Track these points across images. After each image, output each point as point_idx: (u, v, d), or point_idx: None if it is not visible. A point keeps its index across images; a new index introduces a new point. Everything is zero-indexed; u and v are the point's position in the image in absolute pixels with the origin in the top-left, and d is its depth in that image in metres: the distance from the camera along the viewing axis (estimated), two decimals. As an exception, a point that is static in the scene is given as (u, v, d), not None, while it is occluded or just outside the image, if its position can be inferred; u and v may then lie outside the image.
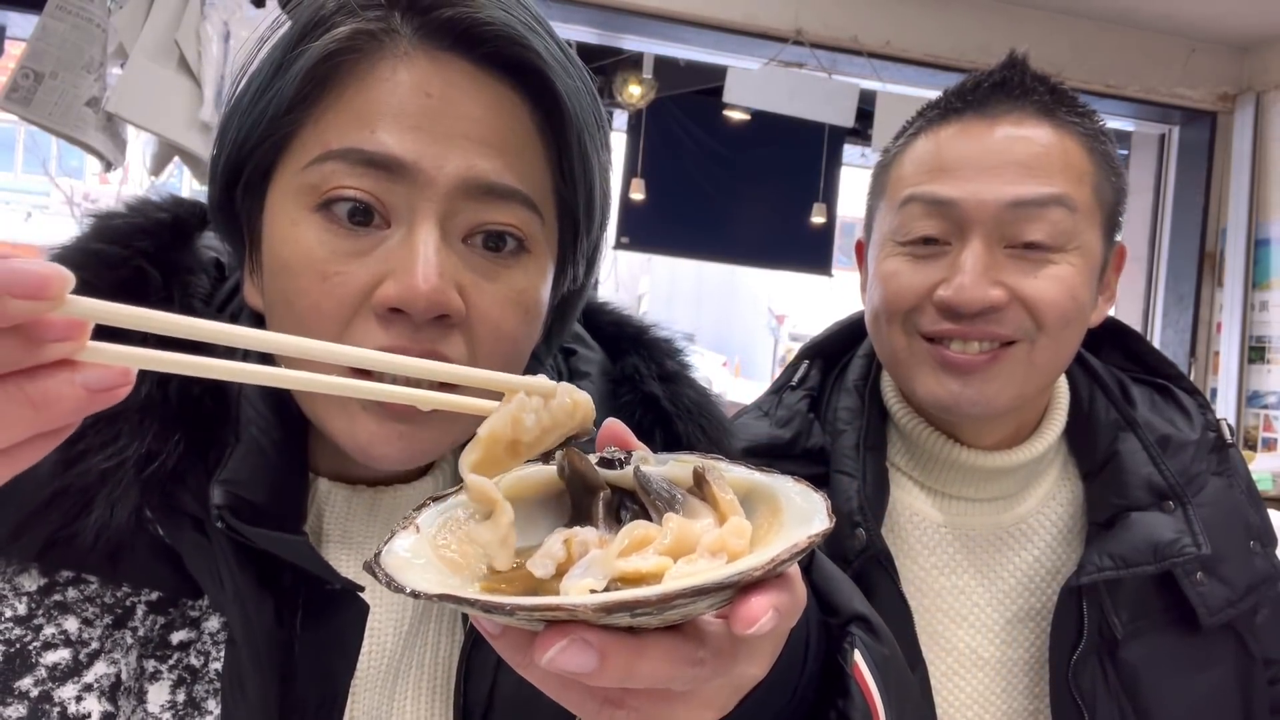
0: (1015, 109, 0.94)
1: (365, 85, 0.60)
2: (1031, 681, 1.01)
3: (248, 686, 0.61)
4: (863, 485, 1.00)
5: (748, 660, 0.44)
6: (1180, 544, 0.97)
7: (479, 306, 0.61)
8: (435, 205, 0.60)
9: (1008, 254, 0.93)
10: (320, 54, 0.60)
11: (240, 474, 0.63)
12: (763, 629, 0.38)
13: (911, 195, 0.95)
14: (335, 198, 0.59)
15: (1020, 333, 0.93)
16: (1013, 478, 1.04)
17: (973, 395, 0.94)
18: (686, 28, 3.71)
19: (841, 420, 1.06)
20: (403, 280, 0.58)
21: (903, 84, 3.92)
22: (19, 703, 0.60)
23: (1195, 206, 4.37)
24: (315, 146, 0.60)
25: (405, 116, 0.59)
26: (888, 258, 0.98)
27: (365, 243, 0.60)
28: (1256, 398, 4.20)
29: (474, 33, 0.60)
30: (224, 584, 0.62)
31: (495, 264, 0.63)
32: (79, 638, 0.62)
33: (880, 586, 0.98)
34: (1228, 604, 1.00)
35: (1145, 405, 1.09)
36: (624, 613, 0.36)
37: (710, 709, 0.45)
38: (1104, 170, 0.96)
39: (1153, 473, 1.02)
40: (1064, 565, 1.03)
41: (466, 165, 0.60)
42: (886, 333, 0.99)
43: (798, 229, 5.25)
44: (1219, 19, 4.00)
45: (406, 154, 0.59)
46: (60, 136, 3.13)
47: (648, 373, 0.79)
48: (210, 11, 3.17)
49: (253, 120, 0.62)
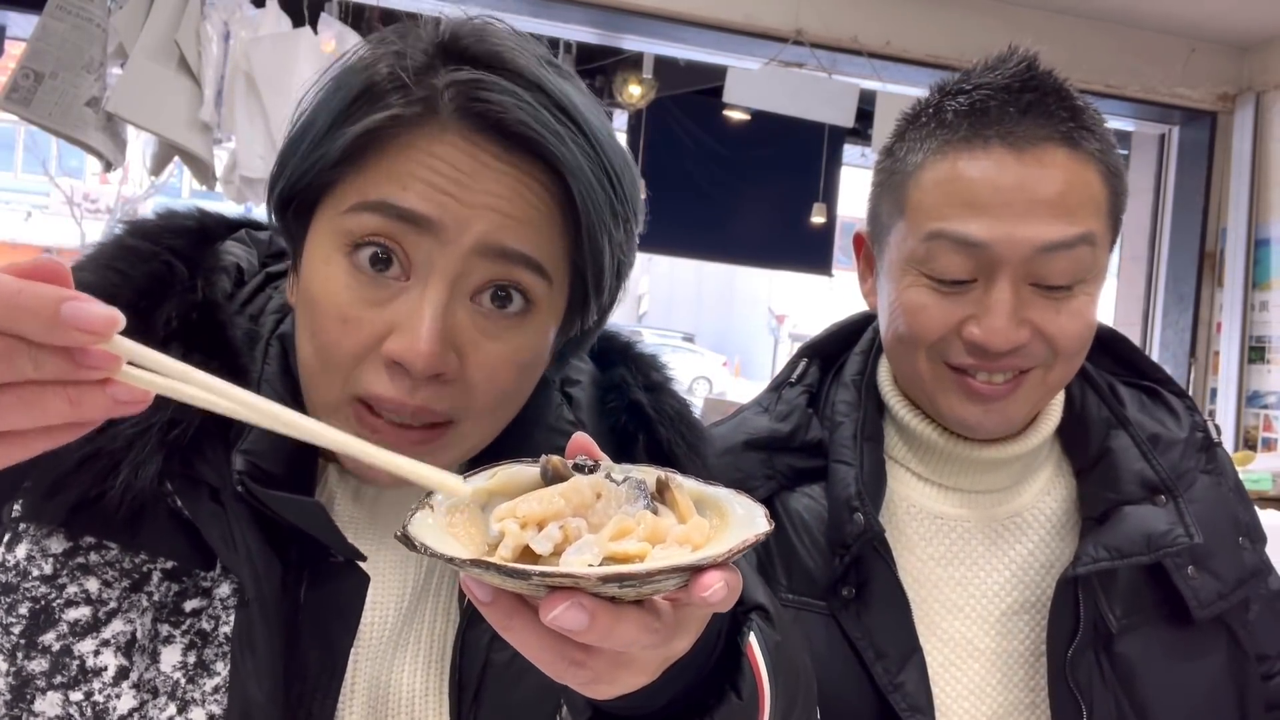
0: (1041, 139, 0.92)
1: (405, 153, 0.67)
2: (1028, 673, 1.01)
3: (258, 644, 0.67)
4: (860, 473, 1.01)
5: (681, 635, 0.52)
6: (1173, 534, 0.99)
7: (476, 362, 0.69)
8: (452, 264, 0.67)
9: (1032, 291, 0.94)
10: (368, 126, 0.67)
11: (260, 446, 0.69)
12: (714, 596, 0.47)
13: (940, 231, 0.93)
14: (365, 243, 0.67)
15: (1038, 361, 0.96)
16: (1008, 470, 1.05)
17: (996, 419, 0.98)
18: (686, 28, 3.72)
19: (839, 413, 1.07)
20: (405, 340, 0.65)
21: (903, 84, 3.93)
22: (41, 657, 0.67)
23: (1195, 206, 4.38)
24: (354, 196, 0.68)
25: (436, 183, 0.67)
26: (911, 287, 0.97)
27: (384, 293, 0.67)
28: (1256, 398, 4.21)
29: (504, 126, 0.67)
30: (236, 546, 0.68)
31: (499, 323, 0.70)
32: (99, 597, 0.68)
33: (877, 574, 0.99)
34: (1218, 597, 1.02)
35: (1135, 406, 1.11)
36: (615, 584, 0.45)
37: (645, 674, 0.53)
38: (1114, 191, 0.97)
39: (1144, 468, 1.04)
40: (1059, 558, 1.04)
41: (485, 230, 0.67)
42: (912, 358, 1.00)
43: (798, 229, 5.26)
44: (1219, 19, 4.01)
45: (432, 212, 0.66)
46: (60, 136, 3.14)
47: (634, 382, 0.86)
48: (210, 11, 3.17)
49: (306, 165, 0.70)
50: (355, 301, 0.67)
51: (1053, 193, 0.91)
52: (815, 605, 1.01)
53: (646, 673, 0.53)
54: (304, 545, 0.71)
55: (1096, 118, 0.96)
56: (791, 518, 1.05)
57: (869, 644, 0.97)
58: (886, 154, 1.03)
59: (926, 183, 0.95)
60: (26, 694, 0.67)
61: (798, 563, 1.03)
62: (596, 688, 0.53)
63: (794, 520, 1.05)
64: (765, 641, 0.64)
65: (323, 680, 0.71)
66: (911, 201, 0.96)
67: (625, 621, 0.48)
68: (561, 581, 0.45)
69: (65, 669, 0.67)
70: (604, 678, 0.52)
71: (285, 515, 0.69)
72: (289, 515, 0.69)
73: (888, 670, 0.96)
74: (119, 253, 0.74)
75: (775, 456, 1.06)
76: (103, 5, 3.09)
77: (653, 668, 0.53)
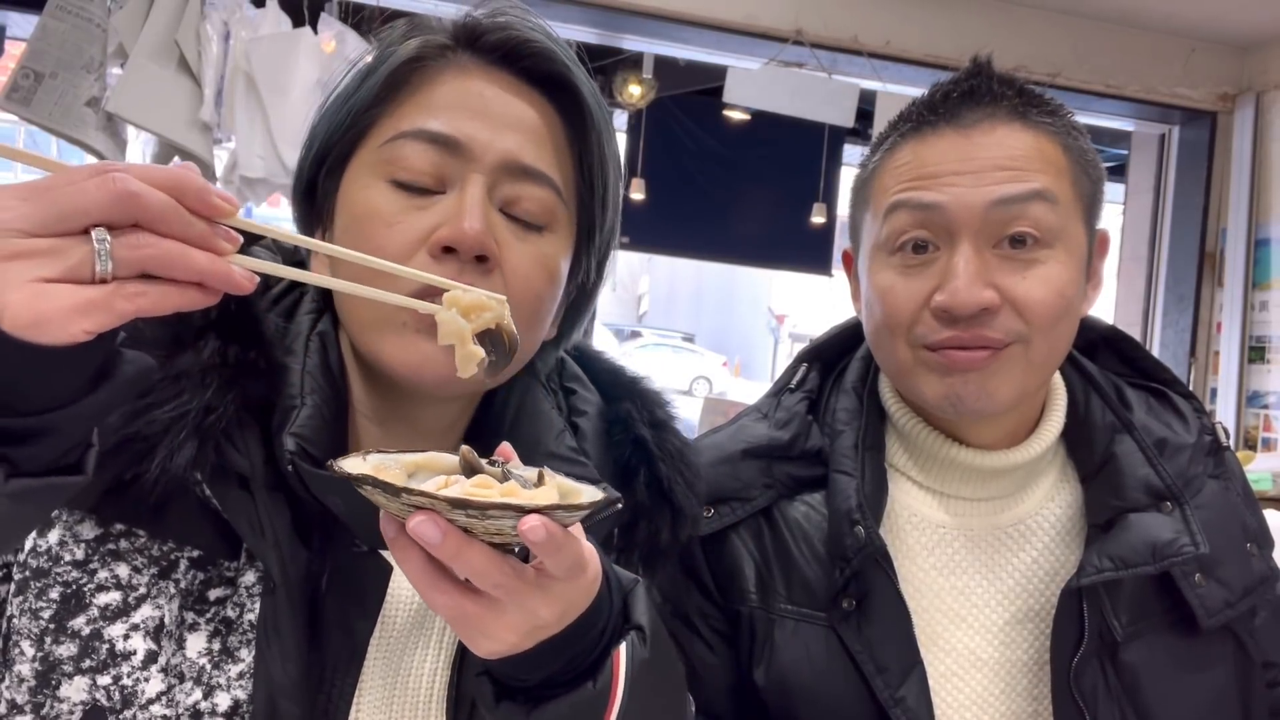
0: (987, 116, 0.96)
1: (431, 87, 0.77)
2: (1031, 683, 1.01)
3: (283, 629, 0.70)
4: (861, 484, 1.00)
5: (540, 601, 0.61)
6: (1179, 544, 0.97)
7: (511, 261, 0.75)
8: (481, 175, 0.75)
9: (996, 255, 0.94)
10: (397, 61, 0.77)
11: (307, 430, 0.73)
12: (532, 534, 0.56)
13: (897, 202, 0.97)
14: (402, 168, 0.75)
15: (1012, 335, 0.94)
16: (1011, 478, 1.04)
17: (975, 391, 0.95)
18: (686, 28, 3.71)
19: (840, 421, 1.06)
20: (454, 224, 0.72)
21: (903, 84, 3.92)
22: (70, 641, 0.68)
23: (1195, 206, 4.37)
24: (389, 131, 0.76)
25: (462, 109, 0.75)
26: (880, 270, 0.99)
27: (424, 201, 0.74)
28: (1256, 398, 4.20)
29: (518, 50, 0.78)
30: (265, 533, 0.70)
31: (524, 231, 0.77)
32: (128, 582, 0.70)
33: (878, 586, 0.99)
34: (1226, 605, 1.00)
35: (1141, 409, 1.09)
36: (462, 511, 0.56)
37: (513, 633, 0.61)
38: (1079, 164, 0.98)
39: (1150, 474, 1.02)
40: (1063, 566, 1.03)
41: (507, 148, 0.75)
42: (890, 347, 1.00)
43: (798, 229, 5.25)
44: (1219, 19, 4.00)
45: (460, 134, 0.75)
46: (60, 136, 3.13)
47: (639, 418, 0.90)
48: (210, 11, 3.16)
49: (340, 118, 0.78)
50: (398, 210, 0.74)
51: (1001, 155, 0.94)
52: (815, 617, 1.00)
53: (516, 632, 0.61)
54: (327, 533, 0.74)
55: (1048, 100, 0.99)
56: (791, 527, 1.04)
57: (869, 657, 0.97)
58: (859, 169, 1.06)
59: (885, 171, 1.00)
60: (52, 679, 0.68)
61: (797, 573, 1.02)
62: (475, 642, 0.62)
63: (793, 530, 1.04)
64: (633, 654, 0.69)
65: (342, 666, 0.73)
66: (875, 192, 1.01)
67: (474, 548, 0.57)
68: (421, 502, 0.56)
69: (94, 653, 0.68)
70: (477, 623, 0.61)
71: (330, 495, 0.71)
72: (335, 494, 0.71)
73: (888, 684, 0.96)
74: None
75: (774, 465, 1.05)
76: (103, 5, 3.09)
77: (521, 630, 0.62)
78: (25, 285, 0.48)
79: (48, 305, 0.48)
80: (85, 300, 0.49)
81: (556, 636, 0.64)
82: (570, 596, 0.63)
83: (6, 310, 0.48)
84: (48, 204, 0.49)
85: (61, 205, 0.49)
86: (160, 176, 0.51)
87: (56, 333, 0.49)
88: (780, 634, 1.01)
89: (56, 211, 0.49)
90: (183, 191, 0.51)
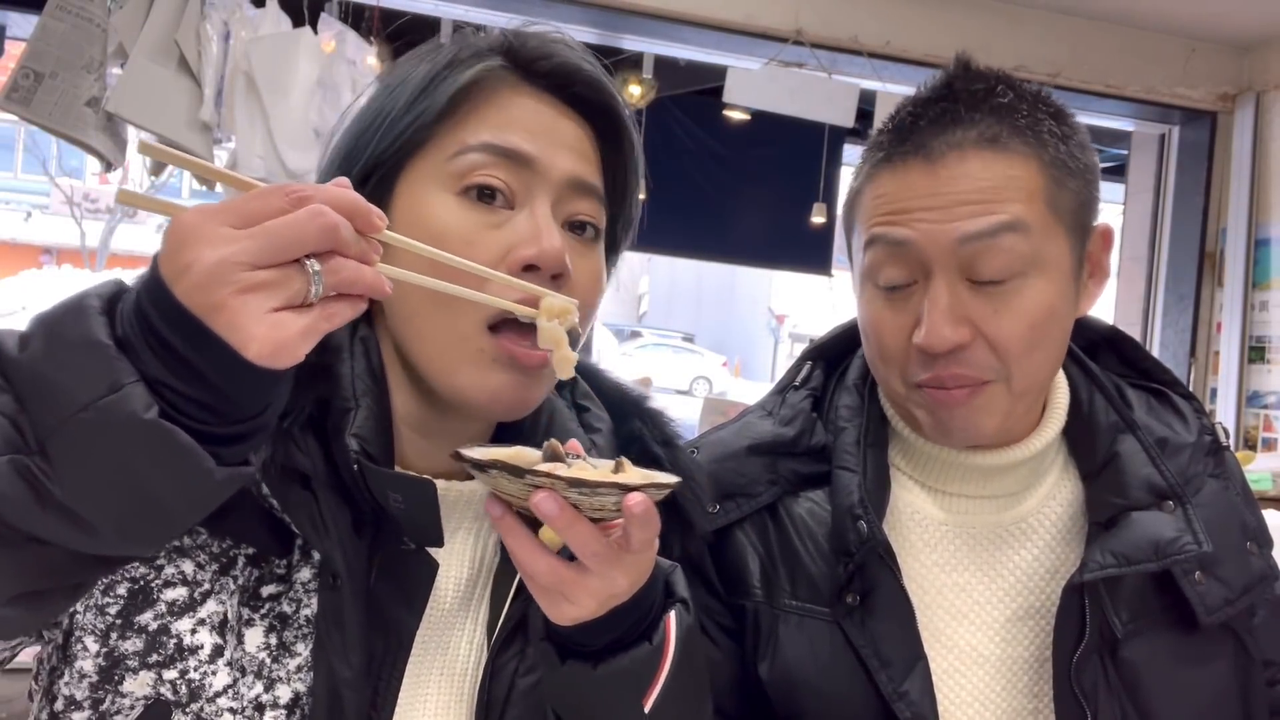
0: (954, 146, 0.94)
1: (495, 105, 0.80)
2: (1032, 680, 1.01)
3: (346, 622, 0.72)
4: (863, 479, 1.01)
5: (620, 570, 0.70)
6: (1181, 542, 0.98)
7: (576, 276, 0.80)
8: (549, 192, 0.79)
9: (970, 288, 0.94)
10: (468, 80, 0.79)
11: (365, 431, 0.75)
12: (637, 507, 0.66)
13: (872, 237, 0.98)
14: (474, 183, 0.77)
15: (989, 373, 0.95)
16: (1013, 475, 1.04)
17: (961, 424, 0.97)
18: (686, 28, 3.71)
19: (842, 418, 1.07)
20: (538, 243, 0.76)
21: (903, 84, 3.91)
22: (137, 637, 0.70)
23: (1195, 206, 4.37)
24: (454, 145, 0.78)
25: (527, 127, 0.80)
26: (870, 301, 1.01)
27: (496, 218, 0.77)
28: (1256, 398, 4.20)
29: (571, 78, 0.83)
30: (328, 530, 0.73)
31: (582, 246, 0.82)
32: (194, 579, 0.72)
33: (882, 581, 0.99)
34: (1225, 603, 1.01)
35: (1142, 409, 1.09)
36: (575, 490, 0.65)
37: (594, 599, 0.71)
38: (1057, 178, 0.95)
39: (1152, 473, 1.03)
40: (1064, 564, 1.03)
41: (570, 165, 0.81)
42: (886, 378, 1.02)
43: (798, 229, 5.24)
44: (1219, 19, 4.01)
45: (530, 149, 0.79)
46: (60, 136, 3.13)
47: (652, 436, 0.94)
48: (210, 11, 3.16)
49: (399, 130, 0.79)
50: (475, 227, 0.77)
51: (969, 189, 0.93)
52: (819, 612, 1.01)
53: (597, 599, 0.70)
54: (378, 530, 0.76)
55: (1022, 108, 0.96)
56: (795, 523, 1.04)
57: (873, 652, 0.97)
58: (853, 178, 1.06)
59: (864, 199, 1.00)
60: (115, 674, 0.70)
61: (801, 569, 1.03)
62: (560, 608, 0.71)
63: (797, 526, 1.04)
64: (680, 620, 0.78)
65: (390, 658, 0.76)
66: (858, 218, 1.02)
67: (581, 523, 0.67)
68: (542, 481, 0.65)
69: (161, 647, 0.70)
70: (568, 593, 0.70)
71: (393, 494, 0.73)
72: (399, 492, 0.73)
73: (892, 679, 0.96)
74: None
75: (779, 461, 1.06)
76: (103, 5, 3.09)
77: (599, 600, 0.71)
78: (264, 318, 0.54)
79: (283, 335, 0.55)
80: (307, 326, 0.56)
81: (626, 603, 0.73)
82: (641, 568, 0.72)
83: (252, 344, 0.54)
84: (268, 238, 0.54)
85: (283, 240, 0.54)
86: (341, 201, 0.57)
87: (288, 358, 0.56)
88: (785, 629, 1.02)
89: (278, 245, 0.54)
90: (354, 214, 0.57)
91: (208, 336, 0.54)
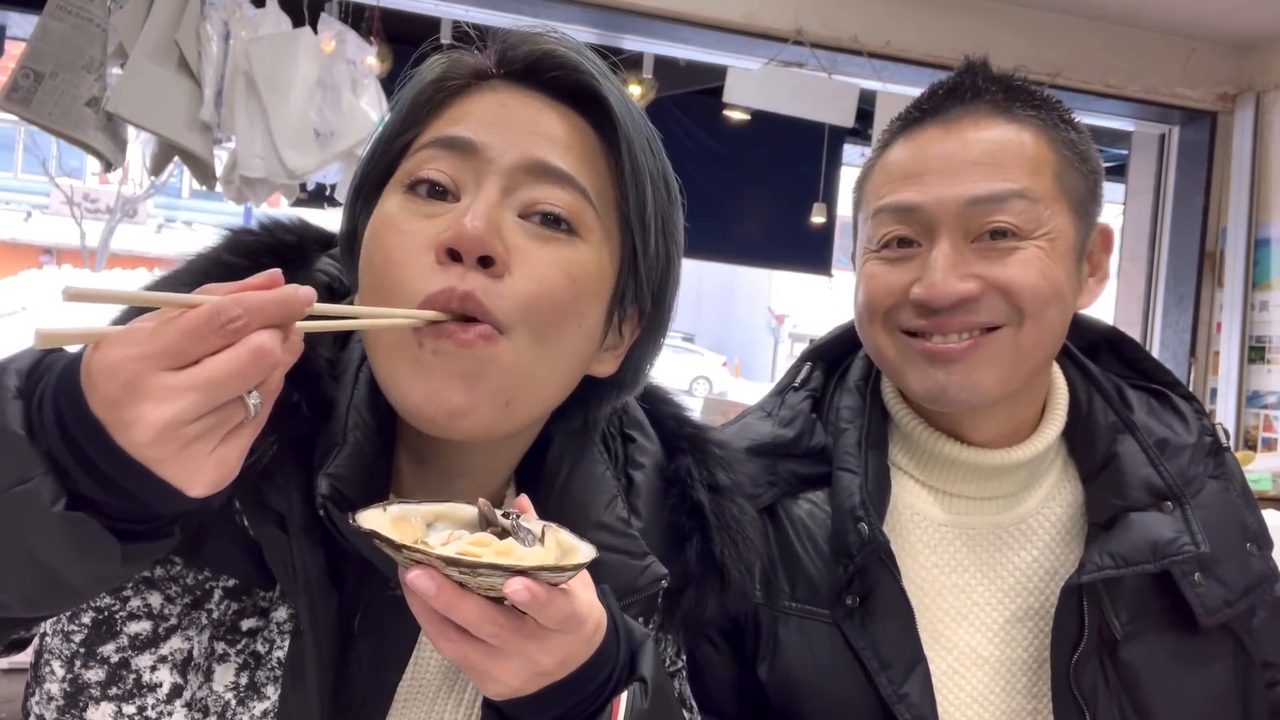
0: (969, 112, 0.97)
1: (459, 104, 0.75)
2: (1031, 681, 1.01)
3: (308, 675, 0.69)
4: (864, 481, 1.01)
5: (538, 650, 0.63)
6: (1179, 543, 0.98)
7: (525, 264, 0.70)
8: (498, 178, 0.71)
9: (976, 248, 0.95)
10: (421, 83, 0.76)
11: (343, 471, 0.70)
12: (516, 596, 0.58)
13: (880, 207, 0.99)
14: (418, 179, 0.72)
15: (1001, 317, 0.95)
16: (1013, 476, 1.04)
17: (959, 381, 0.96)
18: (686, 28, 3.71)
19: (843, 419, 1.07)
20: (456, 224, 0.68)
21: (903, 84, 3.92)
22: (99, 667, 0.69)
23: (1195, 206, 4.37)
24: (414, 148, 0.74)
25: (482, 117, 0.73)
26: (866, 263, 1.02)
27: (437, 209, 0.71)
28: (1256, 398, 4.20)
29: (541, 63, 0.76)
30: (296, 575, 0.69)
31: (548, 236, 0.72)
32: (160, 612, 0.70)
33: (882, 583, 0.99)
34: (1225, 604, 1.01)
35: (1142, 410, 1.09)
36: (455, 568, 0.59)
37: (516, 678, 0.64)
38: (1067, 158, 0.98)
39: (1151, 474, 1.03)
40: (1063, 565, 1.03)
41: (526, 150, 0.72)
42: (871, 333, 1.02)
43: (797, 229, 5.25)
44: (1219, 19, 4.00)
45: (475, 137, 0.72)
46: (60, 136, 3.13)
47: (698, 478, 0.87)
48: (210, 11, 3.16)
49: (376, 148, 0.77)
50: (409, 217, 0.71)
51: (980, 153, 0.95)
52: (819, 614, 1.01)
53: (519, 677, 0.64)
54: (364, 573, 0.72)
55: (1038, 94, 1.00)
56: (795, 525, 1.04)
57: (873, 654, 0.97)
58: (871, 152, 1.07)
59: (877, 170, 1.02)
60: (80, 701, 0.68)
61: (801, 571, 1.03)
62: (483, 683, 0.65)
63: (797, 528, 1.04)
64: (632, 704, 0.70)
65: (369, 710, 0.72)
66: (867, 193, 1.03)
67: (466, 602, 0.60)
68: (419, 558, 0.60)
69: (121, 681, 0.68)
70: (481, 668, 0.63)
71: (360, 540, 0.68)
72: (361, 545, 0.69)
73: (892, 680, 0.96)
74: (215, 268, 0.76)
75: (779, 463, 1.06)
76: (103, 5, 3.09)
77: (523, 675, 0.64)
78: (207, 460, 0.55)
79: (226, 471, 0.56)
80: (241, 450, 0.57)
81: (559, 682, 0.66)
82: (570, 647, 0.65)
83: (197, 486, 0.55)
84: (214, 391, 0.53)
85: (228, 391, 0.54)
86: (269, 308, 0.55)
87: (225, 483, 0.56)
88: (784, 631, 1.02)
89: (223, 394, 0.54)
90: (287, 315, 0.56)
91: (150, 478, 0.54)
